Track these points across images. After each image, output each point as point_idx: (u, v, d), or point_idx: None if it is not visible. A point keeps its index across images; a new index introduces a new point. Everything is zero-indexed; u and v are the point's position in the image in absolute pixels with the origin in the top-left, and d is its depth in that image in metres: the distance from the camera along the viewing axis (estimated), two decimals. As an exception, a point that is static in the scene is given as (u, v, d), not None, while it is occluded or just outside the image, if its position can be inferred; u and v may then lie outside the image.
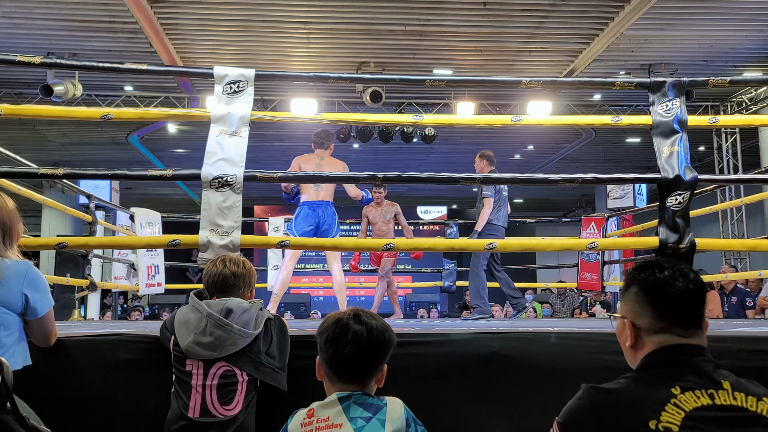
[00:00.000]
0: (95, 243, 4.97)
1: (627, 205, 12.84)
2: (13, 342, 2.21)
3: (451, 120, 5.14)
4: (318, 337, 1.76)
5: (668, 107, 3.56)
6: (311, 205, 5.21)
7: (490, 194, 5.72)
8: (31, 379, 2.21)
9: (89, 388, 2.54)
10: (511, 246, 4.29)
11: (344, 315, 1.75)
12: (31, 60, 3.32)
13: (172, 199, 17.74)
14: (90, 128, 11.70)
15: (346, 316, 1.74)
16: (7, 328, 2.20)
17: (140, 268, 6.85)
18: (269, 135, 11.83)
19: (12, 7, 7.44)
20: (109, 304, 9.37)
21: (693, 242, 3.40)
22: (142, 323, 7.15)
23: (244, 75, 3.44)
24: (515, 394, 2.53)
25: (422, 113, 10.15)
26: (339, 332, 1.71)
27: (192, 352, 2.29)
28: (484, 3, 7.62)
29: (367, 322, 1.73)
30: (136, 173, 3.65)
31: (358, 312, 1.76)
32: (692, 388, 1.35)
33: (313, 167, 5.19)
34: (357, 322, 1.72)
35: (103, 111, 3.47)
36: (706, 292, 1.52)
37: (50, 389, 2.46)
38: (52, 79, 8.39)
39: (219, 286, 2.46)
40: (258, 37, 8.52)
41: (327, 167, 5.21)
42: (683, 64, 9.32)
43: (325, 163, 5.27)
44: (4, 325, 2.18)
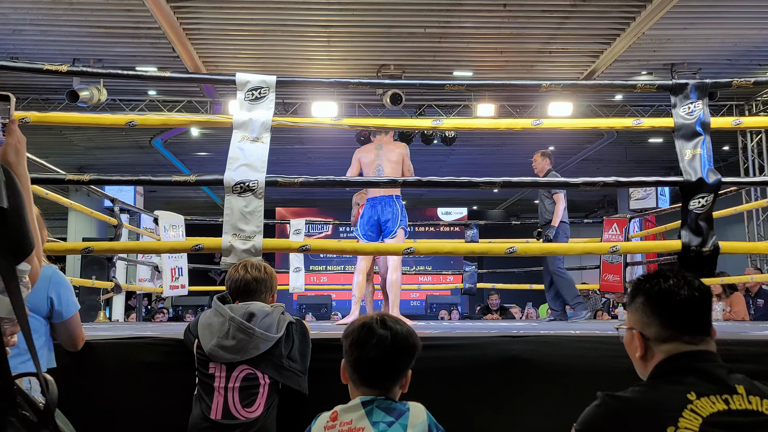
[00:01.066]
0: (120, 248, 5.05)
1: (650, 206, 12.73)
2: (40, 346, 2.27)
3: (470, 124, 5.15)
4: (344, 340, 1.79)
5: (691, 109, 3.54)
6: (372, 202, 5.06)
7: (560, 191, 5.74)
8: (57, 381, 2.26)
9: (114, 391, 2.59)
10: (532, 250, 4.28)
11: (370, 319, 1.77)
12: (58, 68, 3.39)
13: (195, 202, 17.91)
14: (114, 133, 11.84)
15: (373, 321, 1.76)
16: (34, 331, 2.25)
17: (164, 270, 6.94)
18: (290, 138, 11.89)
19: (39, 14, 7.57)
20: (133, 305, 9.50)
21: (716, 245, 3.38)
22: (167, 325, 7.24)
23: (266, 81, 3.48)
24: (535, 398, 2.53)
25: (442, 116, 10.16)
26: (364, 336, 1.73)
27: (215, 356, 2.32)
28: (504, 4, 7.61)
29: (392, 327, 1.75)
30: (160, 179, 3.71)
31: (384, 317, 1.79)
32: (707, 394, 1.36)
33: (372, 158, 5.05)
34: (382, 326, 1.74)
35: (127, 118, 3.54)
36: (711, 298, 1.54)
37: (75, 391, 2.50)
38: (77, 85, 8.54)
39: (241, 291, 2.50)
40: (279, 41, 8.58)
41: (386, 154, 5.05)
42: (707, 63, 9.21)
43: (384, 151, 5.09)
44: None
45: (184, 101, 10.32)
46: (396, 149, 5.09)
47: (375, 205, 5.03)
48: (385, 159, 5.03)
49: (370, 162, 5.06)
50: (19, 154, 1.47)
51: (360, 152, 5.23)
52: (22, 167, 1.46)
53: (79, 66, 8.11)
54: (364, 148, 5.29)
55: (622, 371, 1.75)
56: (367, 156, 5.11)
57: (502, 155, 13.59)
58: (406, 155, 5.12)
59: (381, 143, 5.17)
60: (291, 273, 8.36)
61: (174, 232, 7.11)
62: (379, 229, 5.01)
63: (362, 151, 5.22)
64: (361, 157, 5.15)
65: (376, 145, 5.18)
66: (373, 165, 5.04)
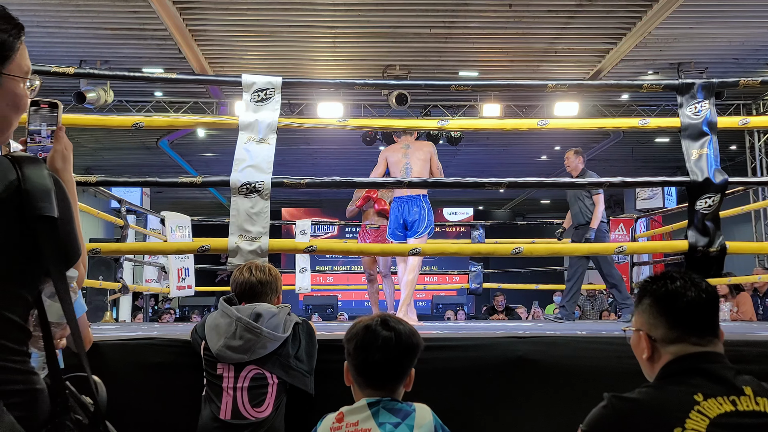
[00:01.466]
0: (127, 249, 5.06)
1: (656, 205, 12.70)
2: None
3: (476, 125, 5.15)
4: (346, 343, 1.78)
5: (697, 109, 3.53)
6: (398, 201, 5.04)
7: (600, 191, 5.72)
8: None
9: (121, 392, 2.59)
10: (539, 251, 4.28)
11: (372, 321, 1.77)
12: (65, 71, 3.40)
13: (201, 202, 17.96)
14: (121, 134, 11.89)
15: (374, 323, 1.76)
16: None
17: (171, 271, 6.96)
18: (296, 138, 11.91)
19: (46, 16, 7.60)
20: (140, 306, 9.52)
21: (723, 245, 3.37)
22: (173, 325, 7.26)
23: (272, 83, 3.49)
24: (542, 399, 2.53)
25: (448, 116, 10.16)
26: (368, 339, 1.72)
27: (222, 356, 2.33)
28: (510, 4, 7.60)
29: (395, 327, 1.75)
30: (167, 180, 3.72)
31: (385, 318, 1.78)
32: (715, 395, 1.36)
33: (400, 157, 5.05)
34: (385, 328, 1.74)
35: (134, 119, 3.55)
36: (718, 300, 1.54)
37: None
38: (84, 87, 8.56)
39: (246, 293, 2.51)
40: (285, 42, 8.59)
41: (414, 153, 5.05)
42: (713, 62, 9.18)
43: (411, 150, 5.09)
44: None
45: (190, 102, 10.35)
46: (424, 148, 5.10)
47: (402, 204, 5.01)
48: (413, 158, 5.02)
49: (398, 161, 5.05)
50: (66, 161, 1.49)
51: (387, 152, 5.23)
52: (68, 173, 1.48)
53: (86, 68, 8.14)
54: (390, 147, 5.28)
55: (628, 372, 1.75)
56: (394, 155, 5.10)
57: (508, 155, 13.58)
58: (433, 153, 5.11)
59: (408, 143, 5.16)
60: (297, 273, 8.38)
61: (180, 232, 7.13)
62: (405, 228, 4.99)
63: (389, 151, 5.21)
64: (388, 157, 5.14)
65: (403, 144, 5.17)
66: (400, 164, 5.03)
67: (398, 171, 5.00)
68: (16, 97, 1.27)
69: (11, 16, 1.24)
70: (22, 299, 1.20)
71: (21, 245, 1.18)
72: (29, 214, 1.17)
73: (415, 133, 5.30)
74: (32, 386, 1.19)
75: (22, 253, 1.18)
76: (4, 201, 1.16)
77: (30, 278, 1.21)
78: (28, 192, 1.18)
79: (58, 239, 1.21)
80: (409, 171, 4.98)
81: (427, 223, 4.94)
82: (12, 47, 1.24)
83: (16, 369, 1.17)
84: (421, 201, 4.99)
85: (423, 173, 4.99)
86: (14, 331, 1.18)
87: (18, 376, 1.17)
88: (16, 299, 1.19)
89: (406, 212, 4.96)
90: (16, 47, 1.25)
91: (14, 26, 1.23)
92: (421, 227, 4.92)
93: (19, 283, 1.19)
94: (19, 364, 1.18)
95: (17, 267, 1.19)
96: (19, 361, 1.18)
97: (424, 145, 5.16)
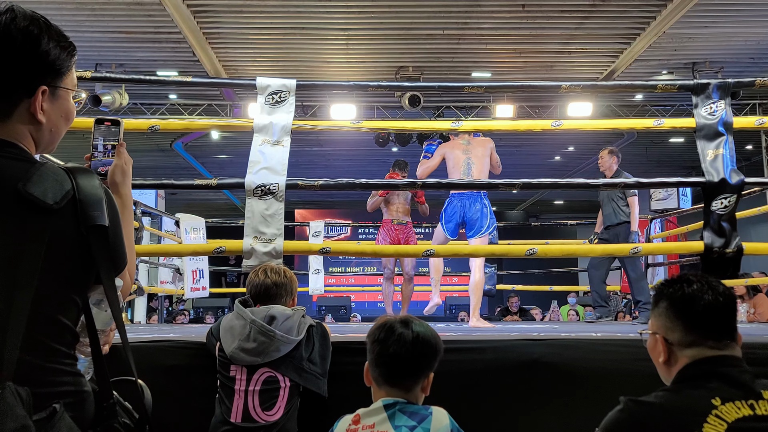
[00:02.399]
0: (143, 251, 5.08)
1: (671, 206, 12.60)
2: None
3: (489, 126, 5.14)
4: (367, 338, 1.82)
5: (713, 109, 3.51)
6: (459, 196, 4.95)
7: (635, 192, 5.72)
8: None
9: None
10: (553, 252, 4.27)
11: (393, 319, 1.81)
12: (82, 74, 3.43)
13: (215, 204, 18.04)
14: (136, 136, 11.93)
15: (394, 321, 1.80)
16: None
17: (185, 272, 7.00)
18: (309, 140, 11.95)
19: (62, 20, 7.64)
20: (155, 307, 9.58)
21: (740, 246, 3.35)
22: (188, 327, 7.30)
23: (286, 85, 3.51)
24: (557, 402, 2.52)
25: (461, 117, 10.15)
26: (386, 333, 1.76)
27: (236, 358, 2.34)
28: (523, 5, 7.58)
29: (414, 326, 1.78)
30: (182, 182, 3.75)
31: (407, 318, 1.82)
32: (732, 399, 1.35)
33: (460, 153, 5.01)
34: (404, 326, 1.77)
35: (149, 122, 3.57)
36: (736, 303, 1.53)
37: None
38: (100, 90, 8.64)
39: (261, 295, 2.52)
40: (298, 44, 8.62)
41: (475, 149, 5.02)
42: (729, 62, 9.11)
43: (472, 146, 5.05)
44: None
45: (204, 105, 10.40)
46: (485, 143, 5.06)
47: (462, 200, 4.92)
48: (474, 154, 4.99)
49: (458, 158, 5.00)
50: (126, 175, 1.58)
51: (445, 147, 5.16)
52: (126, 187, 1.57)
53: (102, 71, 8.20)
54: (449, 143, 5.20)
55: (644, 375, 1.74)
56: (453, 152, 5.05)
57: (522, 156, 13.54)
58: (493, 149, 5.07)
59: (467, 139, 5.11)
60: (310, 275, 8.41)
61: (195, 234, 7.17)
62: (462, 224, 4.93)
63: (447, 147, 5.14)
64: (446, 153, 5.09)
65: (463, 140, 5.11)
66: (461, 160, 4.98)
67: (459, 167, 4.95)
68: (68, 109, 1.36)
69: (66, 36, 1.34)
70: (75, 304, 1.27)
71: (76, 252, 1.24)
72: (83, 222, 1.24)
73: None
74: (81, 388, 1.26)
75: (77, 260, 1.24)
76: (63, 209, 1.22)
77: (83, 284, 1.28)
78: (82, 201, 1.24)
79: (108, 247, 1.28)
80: (471, 167, 4.93)
81: (490, 222, 4.87)
82: (69, 63, 1.34)
83: (69, 371, 1.24)
84: (482, 198, 4.92)
85: (484, 170, 4.93)
86: (67, 336, 1.25)
87: (69, 378, 1.24)
88: (70, 304, 1.25)
89: (467, 209, 4.87)
90: (72, 63, 1.36)
91: (70, 44, 1.34)
92: (483, 226, 4.85)
93: (73, 289, 1.26)
94: (70, 367, 1.25)
95: (73, 273, 1.25)
96: (69, 363, 1.25)
97: (484, 141, 5.09)
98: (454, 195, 4.99)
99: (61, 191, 1.22)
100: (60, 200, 1.21)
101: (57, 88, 1.31)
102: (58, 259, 1.21)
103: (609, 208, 6.00)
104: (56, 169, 1.26)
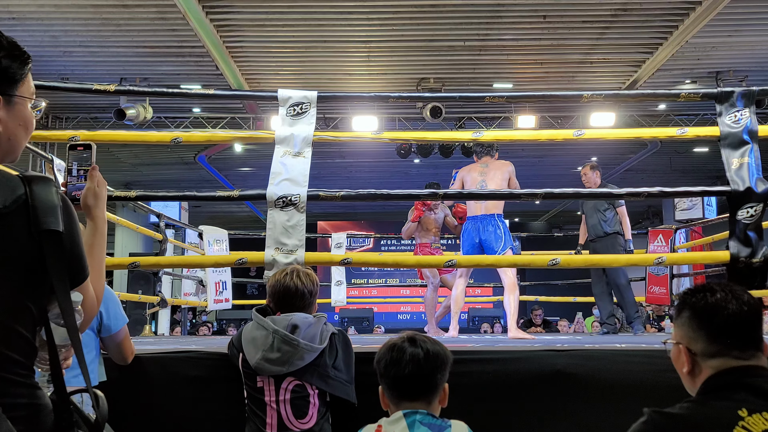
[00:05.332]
0: (166, 263, 5.15)
1: (696, 216, 12.45)
2: (90, 360, 2.33)
3: (511, 136, 5.13)
4: (377, 365, 1.82)
5: (737, 117, 3.47)
6: (473, 221, 5.09)
7: (623, 203, 5.76)
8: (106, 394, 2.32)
9: (160, 404, 2.64)
10: (576, 262, 4.24)
11: (399, 340, 1.82)
12: (106, 88, 3.49)
13: (238, 216, 18.16)
14: (160, 149, 12.11)
15: (401, 341, 1.81)
16: (85, 345, 2.31)
17: (209, 284, 7.03)
18: (331, 152, 12.00)
19: (89, 36, 7.81)
20: (178, 319, 9.64)
21: (767, 256, 3.30)
22: (211, 338, 7.34)
23: (307, 97, 3.53)
24: (580, 414, 2.49)
25: (483, 128, 10.13)
26: (396, 355, 1.77)
27: (261, 369, 2.33)
28: (544, 16, 7.57)
29: (422, 344, 1.79)
30: (205, 194, 3.78)
31: (413, 336, 1.83)
32: (759, 410, 1.32)
33: (477, 176, 5.11)
34: (412, 345, 1.79)
35: (173, 135, 3.62)
36: (761, 312, 1.49)
37: (124, 405, 2.56)
38: (124, 104, 8.76)
39: (284, 297, 2.47)
40: (320, 57, 8.68)
41: (491, 172, 5.10)
42: (753, 70, 9.00)
43: (489, 169, 5.14)
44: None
45: (227, 118, 10.50)
46: (503, 167, 5.13)
47: (476, 223, 5.03)
48: (489, 177, 5.06)
49: (473, 180, 5.10)
50: (98, 198, 1.58)
51: (464, 171, 5.27)
52: (100, 210, 1.57)
53: (126, 85, 8.32)
54: (469, 167, 5.32)
55: (669, 386, 1.72)
56: (470, 175, 5.16)
57: (544, 166, 13.47)
58: (512, 173, 5.14)
59: (486, 162, 5.21)
60: (333, 286, 8.41)
61: (218, 246, 7.21)
62: (480, 248, 5.00)
63: (466, 170, 5.26)
64: (465, 176, 5.19)
65: (481, 163, 5.22)
66: (475, 183, 5.07)
67: (473, 188, 5.03)
68: (26, 118, 1.37)
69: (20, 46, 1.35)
70: (30, 312, 1.25)
71: (28, 258, 1.24)
72: (35, 227, 1.24)
73: (496, 154, 5.31)
74: (36, 401, 1.23)
75: (28, 266, 1.24)
76: (12, 214, 1.22)
77: (35, 291, 1.26)
78: (35, 207, 1.25)
79: (63, 254, 1.27)
80: (485, 189, 4.99)
81: (504, 242, 4.93)
82: (23, 71, 1.34)
83: (21, 382, 1.22)
84: (495, 220, 5.00)
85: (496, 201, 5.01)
86: (21, 344, 1.23)
87: (22, 390, 1.21)
88: (23, 311, 1.24)
89: (481, 231, 4.97)
90: (26, 72, 1.35)
91: (23, 53, 1.35)
92: (498, 247, 4.91)
93: (27, 296, 1.25)
94: (24, 378, 1.23)
95: (25, 279, 1.24)
96: (23, 374, 1.23)
97: (503, 164, 5.17)
98: (469, 219, 5.12)
99: (11, 196, 1.23)
100: (9, 204, 1.22)
101: (12, 97, 1.32)
102: (8, 264, 1.21)
103: (594, 219, 5.98)
104: (10, 176, 1.26)
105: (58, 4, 7.07)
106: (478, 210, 5.03)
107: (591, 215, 6.05)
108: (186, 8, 6.91)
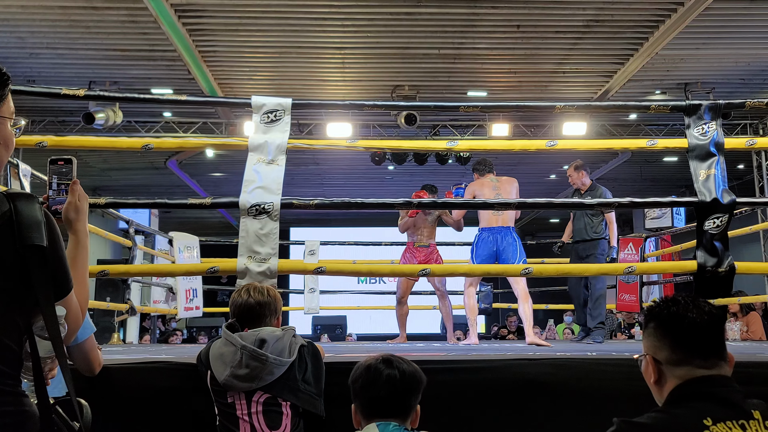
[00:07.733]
0: (136, 271, 5.08)
1: (665, 225, 12.64)
2: (57, 369, 2.28)
3: (485, 146, 5.18)
4: (352, 384, 1.82)
5: (704, 130, 3.53)
6: (490, 231, 5.17)
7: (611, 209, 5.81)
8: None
9: (130, 417, 2.58)
10: (548, 271, 4.27)
11: (374, 361, 1.82)
12: (75, 93, 3.44)
13: (209, 222, 17.98)
14: (129, 154, 11.95)
15: (376, 362, 1.81)
16: None
17: (179, 291, 6.94)
18: (305, 158, 11.95)
19: (56, 38, 7.70)
20: (147, 327, 9.52)
21: (732, 265, 3.36)
22: (181, 347, 7.25)
23: (281, 104, 3.51)
24: (552, 422, 2.50)
25: (457, 136, 10.19)
26: (373, 376, 1.78)
27: (230, 386, 2.30)
28: (518, 26, 7.65)
29: (398, 365, 1.80)
30: (176, 201, 3.74)
31: (388, 357, 1.84)
32: (724, 419, 1.35)
33: (489, 190, 5.20)
34: (388, 366, 1.79)
35: (143, 141, 3.58)
36: (723, 323, 1.55)
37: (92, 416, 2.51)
38: (93, 107, 8.62)
39: (245, 315, 2.47)
40: (294, 63, 8.66)
41: (504, 186, 5.24)
42: (720, 82, 9.20)
43: (501, 184, 5.27)
44: None
45: (199, 123, 10.41)
46: (512, 183, 5.30)
47: (495, 234, 5.14)
48: (504, 192, 5.18)
49: (488, 195, 5.17)
50: (79, 211, 1.60)
51: (474, 186, 5.35)
52: (81, 224, 1.59)
53: (96, 90, 8.17)
54: (477, 183, 5.40)
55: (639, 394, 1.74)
56: (482, 190, 5.24)
57: (517, 174, 13.45)
58: (518, 189, 5.30)
59: (494, 177, 5.35)
60: (306, 294, 8.35)
61: (189, 253, 7.12)
62: (496, 258, 5.11)
63: (476, 186, 5.33)
64: (476, 191, 5.26)
65: (490, 178, 5.33)
66: (493, 197, 5.14)
67: None
68: (6, 136, 1.39)
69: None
70: (17, 327, 1.29)
71: (13, 272, 1.27)
72: (20, 242, 1.27)
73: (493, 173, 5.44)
74: (23, 408, 1.28)
75: (14, 280, 1.28)
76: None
77: (22, 305, 1.30)
78: (20, 223, 1.28)
79: (47, 268, 1.30)
80: None
81: (520, 254, 5.11)
82: (3, 92, 1.37)
83: (8, 391, 1.27)
84: (511, 233, 5.16)
85: (511, 213, 5.18)
86: (8, 355, 1.27)
87: (9, 398, 1.26)
88: (12, 326, 1.28)
89: (499, 242, 5.10)
90: (6, 92, 1.38)
91: (2, 74, 1.37)
92: (515, 259, 5.06)
93: (14, 311, 1.28)
94: (11, 387, 1.28)
95: (13, 295, 1.28)
96: (11, 384, 1.28)
97: (511, 181, 5.34)
98: (485, 230, 5.20)
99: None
100: None
101: None
102: None
103: (581, 222, 6.04)
104: None
105: (25, 5, 6.96)
106: (496, 222, 5.15)
107: (579, 218, 6.11)
108: (157, 12, 6.85)
